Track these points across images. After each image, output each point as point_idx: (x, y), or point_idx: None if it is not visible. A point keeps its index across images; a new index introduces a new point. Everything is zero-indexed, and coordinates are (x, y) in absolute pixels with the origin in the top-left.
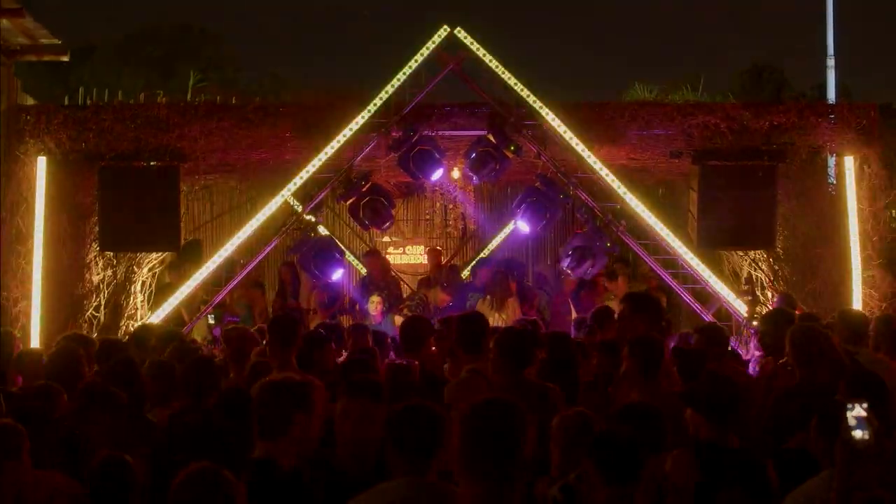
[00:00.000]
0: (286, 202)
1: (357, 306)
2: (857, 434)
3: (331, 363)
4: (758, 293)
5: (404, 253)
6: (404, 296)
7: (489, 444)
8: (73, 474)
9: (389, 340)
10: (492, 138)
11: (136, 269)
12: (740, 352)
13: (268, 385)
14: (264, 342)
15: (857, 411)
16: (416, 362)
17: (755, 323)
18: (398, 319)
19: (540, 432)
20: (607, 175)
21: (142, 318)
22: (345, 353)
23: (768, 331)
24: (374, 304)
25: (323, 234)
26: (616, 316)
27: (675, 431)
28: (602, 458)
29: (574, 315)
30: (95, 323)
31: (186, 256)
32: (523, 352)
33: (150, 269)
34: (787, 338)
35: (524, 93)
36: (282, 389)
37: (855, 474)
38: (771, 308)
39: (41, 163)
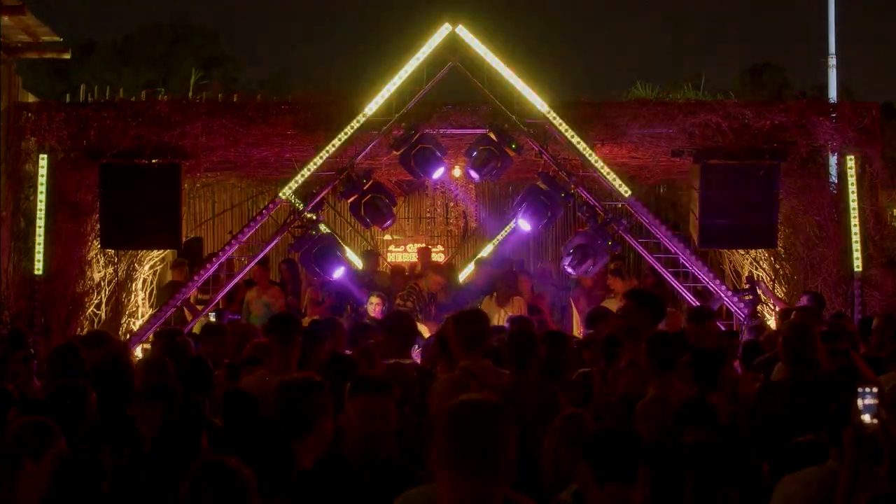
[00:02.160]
0: (287, 200)
1: (349, 306)
2: (867, 419)
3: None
4: (759, 292)
5: (405, 251)
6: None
7: (472, 442)
8: None
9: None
10: (493, 136)
11: (137, 266)
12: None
13: (291, 385)
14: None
15: (868, 398)
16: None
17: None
18: None
19: (542, 433)
20: (609, 174)
21: (143, 316)
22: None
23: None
24: (374, 305)
25: (324, 231)
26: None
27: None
28: (597, 459)
29: (576, 316)
30: (96, 320)
31: (187, 254)
32: (529, 352)
33: (151, 267)
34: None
35: (525, 91)
36: (306, 391)
37: (864, 459)
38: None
39: (42, 160)
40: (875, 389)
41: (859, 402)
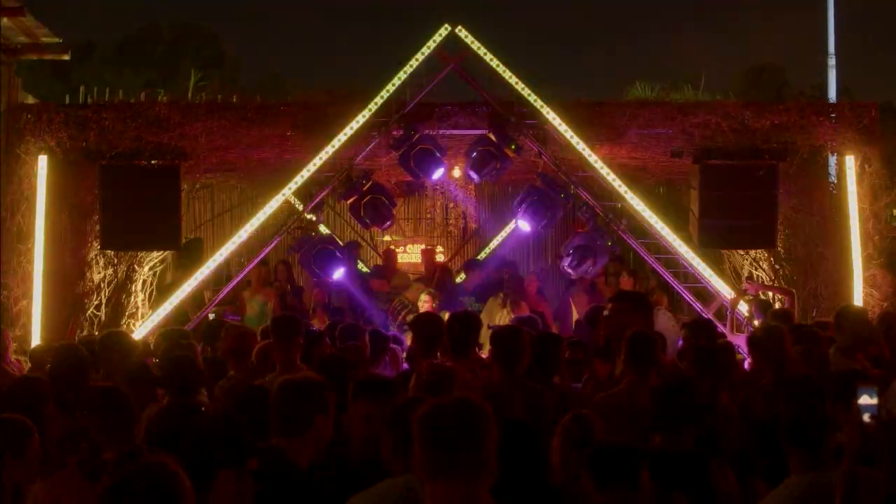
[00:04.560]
0: (287, 201)
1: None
2: (866, 418)
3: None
4: (759, 293)
5: (405, 252)
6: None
7: (450, 443)
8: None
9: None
10: (492, 137)
11: (137, 267)
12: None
13: (290, 384)
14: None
15: (866, 398)
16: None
17: (756, 323)
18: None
19: (540, 433)
20: (608, 174)
21: (143, 317)
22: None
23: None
24: (423, 303)
25: (324, 233)
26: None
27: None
28: (597, 472)
29: (576, 316)
30: (96, 322)
31: (187, 255)
32: (517, 351)
33: (150, 268)
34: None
35: (525, 91)
36: (305, 390)
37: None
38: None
39: (42, 161)
40: (875, 389)
41: (860, 402)
